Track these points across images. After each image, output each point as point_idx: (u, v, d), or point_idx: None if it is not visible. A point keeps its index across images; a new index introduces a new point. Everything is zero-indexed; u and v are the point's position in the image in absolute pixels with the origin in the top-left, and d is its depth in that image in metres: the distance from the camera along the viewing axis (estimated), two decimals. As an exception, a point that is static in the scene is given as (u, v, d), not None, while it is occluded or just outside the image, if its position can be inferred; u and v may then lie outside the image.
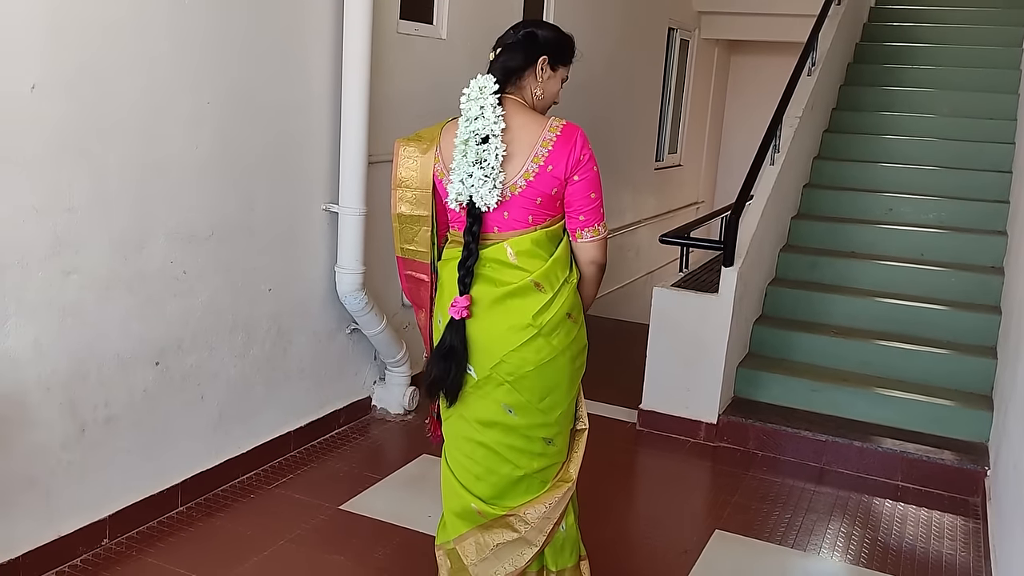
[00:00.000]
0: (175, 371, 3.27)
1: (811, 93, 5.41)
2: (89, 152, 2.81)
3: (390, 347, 4.26)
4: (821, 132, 6.14)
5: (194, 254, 3.26)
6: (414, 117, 4.33)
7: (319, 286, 3.93)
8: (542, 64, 2.32)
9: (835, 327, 4.84)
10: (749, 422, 4.34)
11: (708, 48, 9.49)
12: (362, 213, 3.86)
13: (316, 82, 3.73)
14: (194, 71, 3.14)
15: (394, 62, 4.17)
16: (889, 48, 6.97)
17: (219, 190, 3.33)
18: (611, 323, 6.78)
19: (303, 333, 3.89)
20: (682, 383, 4.41)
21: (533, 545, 2.39)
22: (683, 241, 4.57)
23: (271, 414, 3.79)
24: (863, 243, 5.33)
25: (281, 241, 3.68)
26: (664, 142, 8.75)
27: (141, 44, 2.92)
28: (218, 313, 3.42)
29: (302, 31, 3.60)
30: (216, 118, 3.26)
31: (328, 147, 3.84)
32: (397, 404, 4.41)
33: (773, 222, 5.01)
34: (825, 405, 4.46)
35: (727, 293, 4.26)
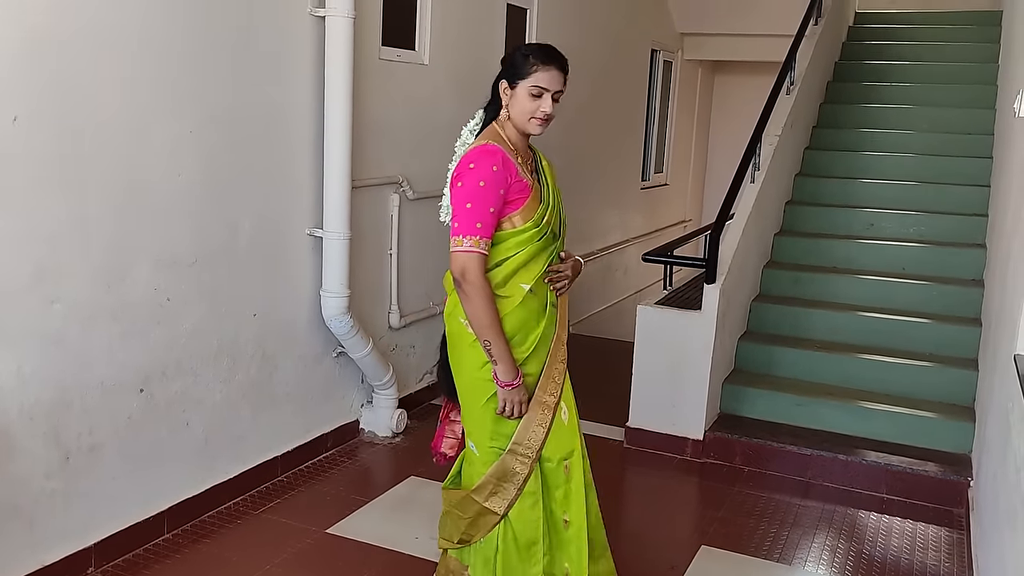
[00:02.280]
0: (160, 398, 3.27)
1: (790, 111, 5.45)
2: (71, 181, 2.83)
3: (377, 370, 4.25)
4: (802, 149, 6.19)
5: (178, 280, 3.27)
6: (397, 142, 4.36)
7: (304, 310, 3.94)
8: (502, 88, 2.47)
9: (819, 342, 4.86)
10: (735, 438, 4.34)
11: (692, 69, 9.57)
12: (346, 237, 3.88)
13: (298, 108, 3.75)
14: (175, 98, 3.16)
15: (376, 88, 4.19)
16: (868, 66, 7.03)
17: (202, 216, 3.34)
18: (600, 342, 6.79)
19: (289, 357, 3.89)
20: (668, 400, 4.41)
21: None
22: (665, 259, 4.58)
23: (257, 439, 3.78)
24: (845, 258, 5.36)
25: (265, 266, 3.69)
26: (650, 162, 8.79)
27: (122, 72, 2.94)
28: (203, 339, 3.42)
29: (284, 57, 3.63)
30: (198, 145, 3.28)
31: (311, 172, 3.86)
32: (385, 427, 4.40)
33: (755, 239, 5.03)
34: (810, 419, 4.46)
35: (710, 310, 4.27)
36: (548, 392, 2.50)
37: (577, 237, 6.87)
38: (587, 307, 7.27)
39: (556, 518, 2.53)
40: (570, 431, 2.54)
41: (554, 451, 2.51)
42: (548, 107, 2.41)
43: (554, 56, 2.46)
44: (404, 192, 4.45)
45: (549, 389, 2.50)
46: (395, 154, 4.37)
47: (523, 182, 2.41)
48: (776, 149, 5.20)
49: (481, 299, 2.34)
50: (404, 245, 4.53)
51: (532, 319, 2.46)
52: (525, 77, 2.42)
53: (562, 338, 2.56)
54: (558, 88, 2.43)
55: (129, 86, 2.98)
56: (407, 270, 4.59)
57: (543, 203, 2.45)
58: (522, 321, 2.44)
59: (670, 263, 4.71)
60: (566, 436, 2.53)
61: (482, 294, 2.34)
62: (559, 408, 2.52)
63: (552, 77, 2.42)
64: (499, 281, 2.41)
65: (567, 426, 2.54)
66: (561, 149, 6.21)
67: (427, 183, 4.58)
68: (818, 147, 6.28)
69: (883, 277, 5.13)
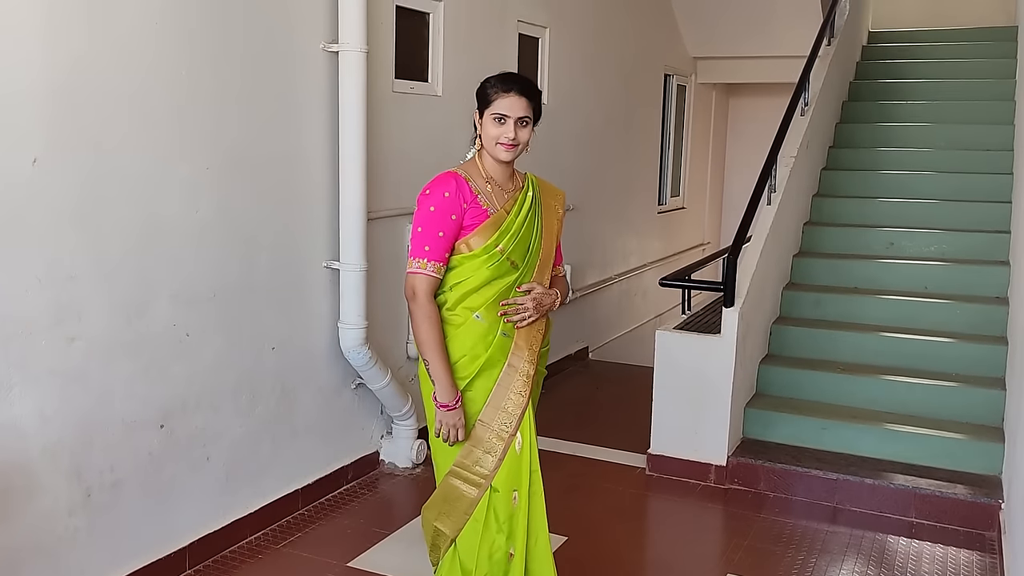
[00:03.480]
0: (180, 433, 3.29)
1: (805, 132, 5.46)
2: (89, 220, 2.87)
3: (396, 400, 4.26)
4: (819, 170, 6.18)
5: (196, 316, 3.30)
6: (411, 173, 4.39)
7: (323, 342, 3.96)
8: (475, 119, 2.54)
9: (842, 364, 4.82)
10: (759, 463, 4.31)
11: (705, 92, 9.59)
12: (363, 269, 3.90)
13: (314, 142, 3.80)
14: (192, 136, 3.21)
15: (390, 120, 4.24)
16: (883, 85, 7.04)
17: (219, 252, 3.38)
18: (620, 367, 6.77)
19: (308, 390, 3.91)
20: (690, 426, 4.38)
21: None
22: (683, 284, 4.58)
23: (278, 472, 3.79)
24: (866, 278, 5.33)
25: (283, 299, 3.72)
26: (666, 185, 8.79)
27: (139, 111, 3.00)
28: (222, 373, 3.44)
29: (298, 92, 3.68)
30: (215, 181, 3.32)
31: (327, 205, 3.89)
32: (405, 457, 4.41)
33: (774, 261, 5.02)
34: (835, 443, 4.42)
35: (729, 334, 4.26)
36: (498, 422, 2.51)
37: (594, 262, 6.87)
38: (606, 333, 7.25)
39: (500, 550, 2.52)
40: (522, 463, 2.54)
41: (503, 481, 2.52)
42: (510, 132, 2.44)
43: (513, 81, 2.48)
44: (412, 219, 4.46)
45: (500, 419, 2.52)
46: (410, 185, 4.39)
47: (480, 208, 2.47)
48: (792, 170, 5.20)
49: (424, 319, 2.46)
50: (421, 275, 4.53)
51: (478, 344, 2.48)
52: (488, 105, 2.47)
53: (522, 370, 2.54)
54: (520, 113, 2.45)
55: (146, 125, 3.03)
56: (424, 300, 4.59)
57: (502, 230, 2.48)
58: (467, 346, 2.49)
59: (688, 287, 4.69)
60: (516, 467, 2.53)
61: (427, 316, 2.45)
62: (513, 439, 2.53)
63: (512, 103, 2.45)
64: (450, 304, 2.49)
65: (519, 457, 2.54)
66: (577, 175, 6.23)
67: (443, 213, 4.59)
68: (835, 167, 6.26)
69: (905, 297, 5.10)
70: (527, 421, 2.56)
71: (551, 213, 2.65)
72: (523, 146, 2.49)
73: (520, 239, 2.51)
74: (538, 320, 2.58)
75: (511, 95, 2.44)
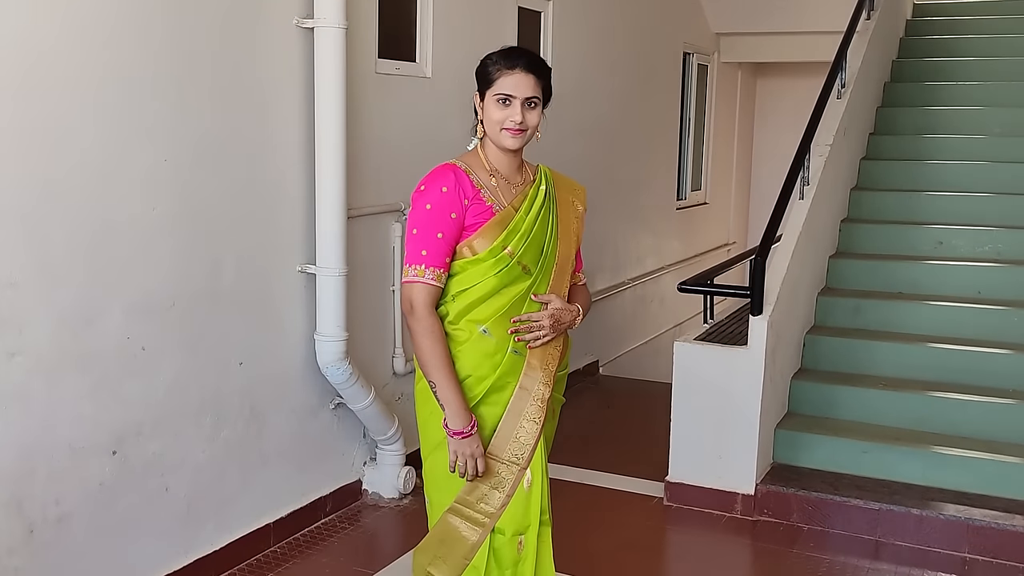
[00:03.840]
0: (135, 460, 3.27)
1: (842, 117, 5.45)
2: (32, 218, 2.86)
3: (380, 422, 4.25)
4: (858, 160, 6.17)
5: (154, 327, 3.29)
6: (398, 165, 4.38)
7: (297, 357, 3.95)
8: (476, 102, 2.49)
9: (884, 379, 4.81)
10: (791, 491, 4.30)
11: (730, 72, 9.60)
12: (342, 273, 3.89)
13: (286, 130, 3.79)
14: (148, 124, 3.20)
15: (373, 105, 4.23)
16: (930, 64, 7.03)
17: (180, 254, 3.37)
18: (633, 384, 6.76)
19: (280, 411, 3.90)
20: (713, 450, 4.37)
21: None
22: (705, 289, 4.57)
23: (247, 505, 3.77)
24: (911, 282, 5.32)
25: (252, 308, 3.71)
26: (686, 179, 8.80)
27: (89, 96, 2.99)
28: (183, 392, 3.43)
29: (269, 74, 3.68)
30: (174, 175, 3.31)
31: (302, 202, 3.88)
32: (391, 487, 4.39)
33: (807, 263, 5.01)
34: (877, 468, 4.41)
35: (757, 345, 4.25)
36: (509, 453, 2.45)
37: (605, 265, 6.86)
38: (618, 345, 7.24)
39: None
40: (531, 503, 2.48)
41: (508, 522, 2.46)
42: (516, 115, 2.38)
43: (518, 56, 2.42)
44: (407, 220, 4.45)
45: (511, 450, 2.45)
46: (396, 178, 4.39)
47: (484, 204, 2.42)
48: (828, 160, 5.19)
49: (426, 336, 2.39)
50: (408, 280, 4.52)
51: (484, 364, 2.43)
52: (490, 85, 2.42)
53: (537, 394, 2.47)
54: (529, 93, 2.40)
55: (97, 112, 3.02)
56: (412, 308, 4.58)
57: (510, 230, 2.42)
58: (471, 365, 2.43)
59: (711, 293, 4.68)
60: (524, 507, 2.47)
61: (428, 330, 2.39)
62: (524, 473, 2.46)
63: (518, 81, 2.39)
64: (452, 317, 2.44)
65: (528, 496, 2.47)
66: (584, 167, 6.22)
67: (433, 210, 4.59)
68: (876, 157, 6.25)
69: (956, 303, 5.08)
70: (539, 455, 2.49)
71: (568, 211, 2.58)
72: (532, 131, 2.44)
73: (532, 240, 2.45)
74: (555, 339, 2.52)
75: (516, 72, 2.39)
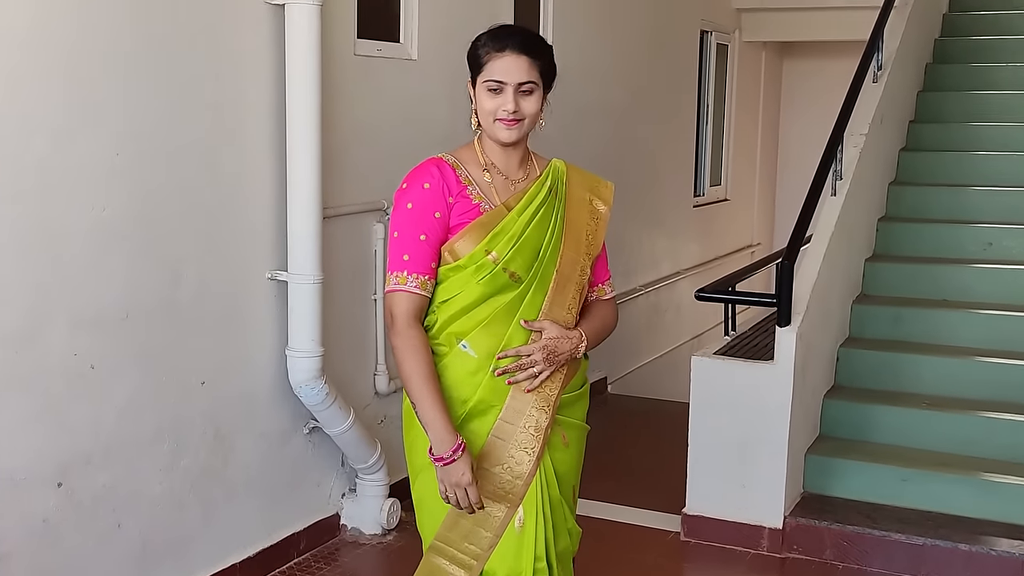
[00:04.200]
0: (83, 493, 3.26)
1: (879, 103, 5.45)
2: (-34, 222, 2.85)
3: (360, 448, 4.24)
4: (897, 151, 6.17)
5: (104, 343, 3.27)
6: (380, 158, 4.38)
7: (266, 375, 3.94)
8: (469, 90, 2.47)
9: (928, 397, 4.80)
10: (824, 525, 4.30)
11: (753, 53, 9.61)
12: (318, 280, 3.89)
13: (254, 120, 3.78)
14: (98, 113, 3.19)
15: (353, 91, 4.23)
16: (978, 43, 7.03)
17: (134, 260, 3.36)
18: (647, 403, 6.76)
19: (248, 436, 3.89)
20: (736, 478, 4.37)
21: None
22: (725, 297, 4.57)
23: (209, 543, 3.76)
24: (958, 288, 5.32)
25: (216, 321, 3.70)
26: (704, 172, 8.80)
27: (27, 80, 2.97)
28: (137, 416, 3.42)
29: (234, 56, 3.67)
30: (127, 170, 3.30)
31: (272, 200, 3.88)
32: (373, 522, 4.38)
33: (841, 267, 5.01)
34: (921, 498, 4.40)
35: (785, 360, 4.25)
36: (495, 485, 2.41)
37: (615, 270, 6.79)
38: (628, 360, 7.23)
39: None
40: (523, 546, 2.42)
41: (499, 565, 2.42)
42: (508, 104, 2.35)
43: (508, 35, 2.39)
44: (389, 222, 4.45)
45: (497, 482, 2.41)
46: (378, 173, 4.38)
47: (471, 202, 2.41)
48: (863, 152, 5.19)
49: (406, 350, 2.36)
50: (392, 288, 4.52)
51: (464, 384, 2.38)
52: (480, 70, 2.39)
53: (530, 420, 2.41)
54: (522, 78, 2.35)
55: (37, 97, 3.00)
56: (397, 320, 4.57)
57: (497, 232, 2.38)
58: (452, 383, 2.40)
59: (732, 301, 4.68)
60: (516, 550, 2.42)
61: (408, 343, 2.36)
62: (515, 512, 2.42)
63: (508, 64, 2.35)
64: (435, 330, 2.43)
65: (519, 538, 2.42)
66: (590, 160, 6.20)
67: (419, 209, 4.58)
68: (917, 147, 6.26)
69: (1008, 311, 5.09)
70: (535, 491, 2.42)
71: (581, 210, 2.54)
72: (530, 120, 2.40)
73: (523, 244, 2.40)
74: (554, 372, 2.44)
75: (506, 55, 2.35)
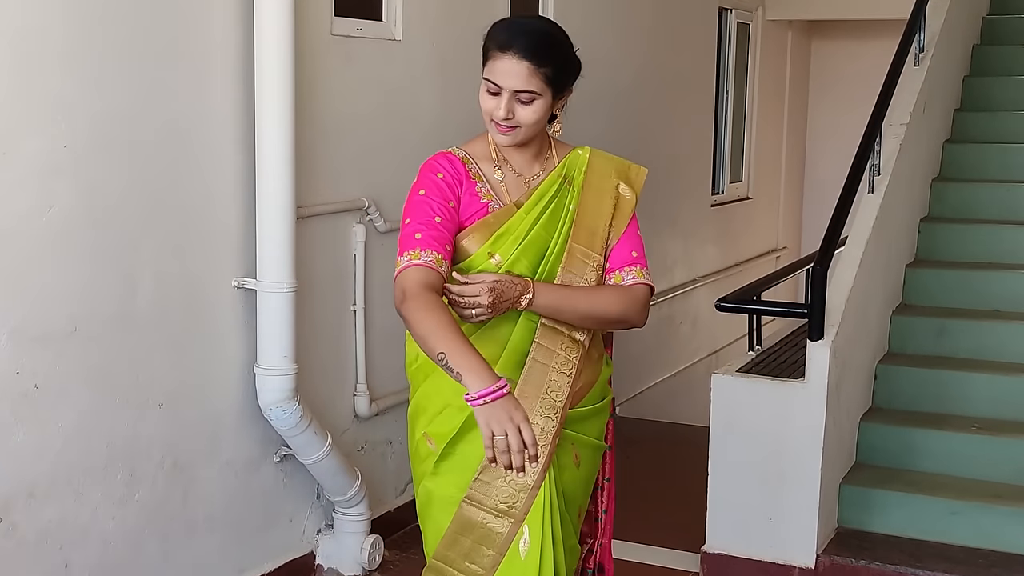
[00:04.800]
0: (27, 528, 3.24)
1: (921, 90, 5.46)
2: None
3: (338, 479, 4.23)
4: (941, 143, 6.19)
5: (50, 360, 3.27)
6: (360, 151, 4.38)
7: (232, 396, 3.93)
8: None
9: (978, 420, 4.81)
10: (862, 564, 4.30)
11: (778, 33, 9.64)
12: (290, 289, 3.88)
13: (219, 108, 3.78)
14: (44, 99, 3.18)
15: (329, 76, 4.23)
16: (1030, 20, 7.06)
17: (84, 267, 3.35)
18: (660, 428, 6.75)
19: (211, 465, 3.88)
20: (762, 512, 4.36)
21: None
22: (749, 307, 4.57)
23: (169, 584, 3.75)
24: (1011, 297, 5.33)
25: (176, 335, 3.70)
26: (723, 167, 8.82)
27: (-33, 69, 2.98)
28: (87, 442, 3.41)
29: (198, 36, 3.67)
30: (78, 164, 3.30)
31: (239, 198, 3.88)
32: (352, 561, 4.37)
33: (879, 274, 5.02)
34: (970, 534, 4.41)
35: (817, 378, 4.24)
36: (496, 499, 2.45)
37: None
38: (639, 379, 7.23)
39: None
40: (526, 572, 2.46)
41: None
42: (500, 110, 2.43)
43: (516, 35, 2.43)
44: (372, 221, 4.46)
45: (498, 495, 2.45)
46: (358, 168, 4.38)
47: (478, 201, 2.53)
48: (903, 144, 5.20)
49: (419, 311, 2.34)
50: (375, 298, 4.53)
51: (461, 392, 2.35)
52: (484, 64, 2.48)
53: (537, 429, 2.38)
54: (519, 86, 2.41)
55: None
56: (380, 333, 4.59)
57: (501, 233, 2.50)
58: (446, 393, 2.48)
59: (757, 312, 4.67)
60: (521, 572, 2.46)
61: (420, 306, 2.35)
62: (520, 531, 2.46)
63: (507, 68, 2.41)
64: None
65: (524, 565, 2.46)
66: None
67: (405, 208, 4.58)
68: (963, 139, 6.28)
69: (1068, 323, 5.11)
70: (542, 510, 2.46)
71: (602, 198, 2.62)
72: (529, 128, 2.48)
73: (528, 244, 2.52)
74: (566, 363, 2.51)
75: (507, 57, 2.41)
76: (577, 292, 2.54)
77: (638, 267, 2.65)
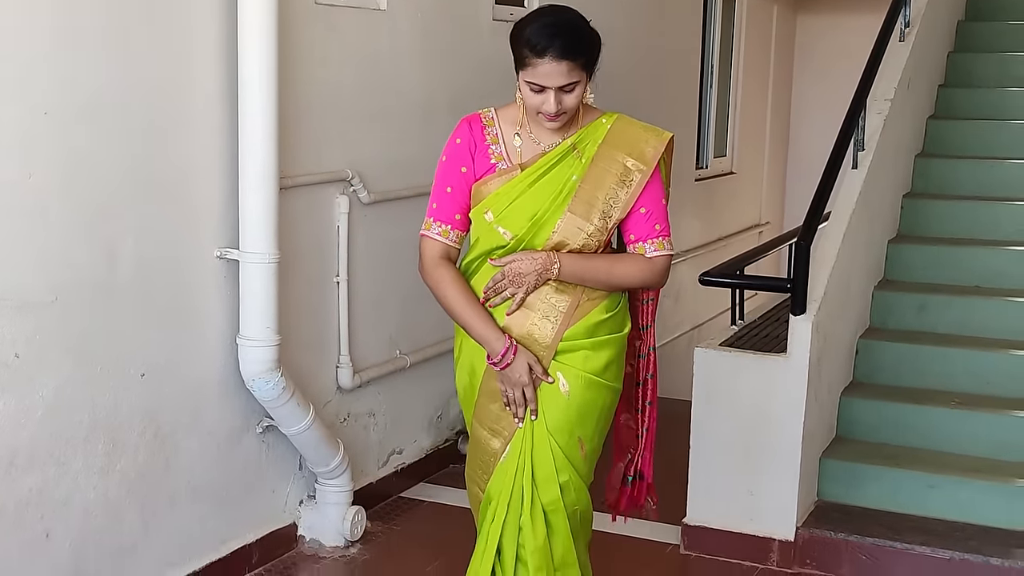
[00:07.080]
0: (6, 499, 3.24)
1: (905, 65, 5.47)
2: None
3: (321, 450, 4.23)
4: (925, 119, 6.20)
5: (30, 329, 3.25)
6: (344, 122, 4.36)
7: (215, 367, 3.93)
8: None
9: (958, 395, 4.83)
10: (841, 537, 4.33)
11: (763, 7, 9.62)
12: (273, 260, 3.87)
13: (202, 77, 3.76)
14: (22, 65, 3.15)
15: (312, 45, 4.20)
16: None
17: (64, 235, 3.33)
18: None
19: (193, 435, 3.87)
20: (742, 485, 4.39)
21: None
22: (732, 281, 4.58)
23: (150, 555, 3.75)
24: (992, 273, 5.35)
25: (158, 305, 3.68)
26: (708, 141, 8.82)
27: (-54, 35, 2.95)
28: (68, 412, 3.40)
29: (181, 5, 3.64)
30: (58, 131, 3.27)
31: (222, 169, 3.86)
32: (334, 532, 4.38)
33: (862, 249, 5.03)
34: (949, 507, 4.43)
35: (800, 353, 4.26)
36: (490, 420, 2.94)
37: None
38: (623, 351, 7.23)
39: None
40: (504, 474, 2.93)
41: (495, 489, 2.95)
42: (550, 106, 2.70)
43: (550, 39, 2.64)
44: (356, 193, 4.44)
45: (488, 422, 2.95)
46: (342, 138, 4.36)
47: (488, 162, 2.83)
48: (887, 119, 5.21)
49: (438, 284, 2.86)
50: (358, 269, 4.52)
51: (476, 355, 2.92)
52: (522, 66, 2.71)
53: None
54: (562, 82, 2.68)
55: (-44, 51, 2.97)
56: (364, 305, 4.59)
57: (499, 193, 2.79)
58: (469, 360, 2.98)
59: (740, 287, 4.68)
60: (500, 477, 2.94)
61: (437, 281, 2.86)
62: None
63: (549, 71, 2.66)
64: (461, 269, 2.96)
65: (503, 467, 2.93)
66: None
67: (389, 178, 4.58)
68: (947, 115, 6.29)
69: (1048, 299, 5.13)
70: (525, 435, 2.89)
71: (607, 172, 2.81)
72: (573, 110, 2.77)
73: (518, 204, 2.79)
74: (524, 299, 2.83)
75: (546, 61, 2.65)
76: (599, 261, 2.84)
77: (660, 238, 2.89)
